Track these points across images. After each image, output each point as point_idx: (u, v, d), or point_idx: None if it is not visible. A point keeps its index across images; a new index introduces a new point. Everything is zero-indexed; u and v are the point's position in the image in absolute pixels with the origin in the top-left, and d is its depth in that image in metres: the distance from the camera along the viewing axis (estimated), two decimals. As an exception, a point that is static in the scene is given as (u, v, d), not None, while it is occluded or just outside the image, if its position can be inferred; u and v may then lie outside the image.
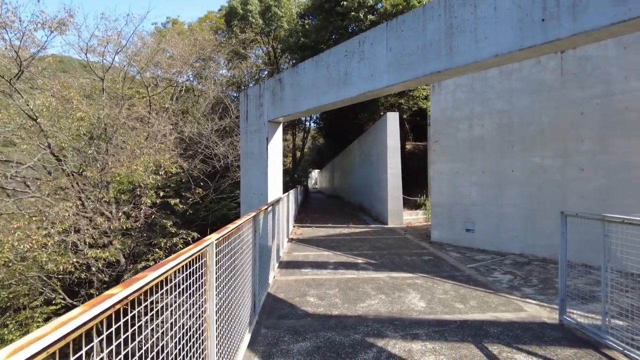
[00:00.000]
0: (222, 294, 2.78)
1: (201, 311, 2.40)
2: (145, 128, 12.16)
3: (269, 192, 8.99)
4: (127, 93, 15.43)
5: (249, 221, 4.06)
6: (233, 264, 3.22)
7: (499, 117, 8.18)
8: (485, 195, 8.42)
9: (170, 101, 16.70)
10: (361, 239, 10.06)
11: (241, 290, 3.55)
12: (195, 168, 13.08)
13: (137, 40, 18.02)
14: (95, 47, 15.00)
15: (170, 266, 1.79)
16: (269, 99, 9.07)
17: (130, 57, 15.92)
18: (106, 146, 10.55)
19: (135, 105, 15.05)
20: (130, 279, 1.46)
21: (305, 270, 6.73)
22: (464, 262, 7.31)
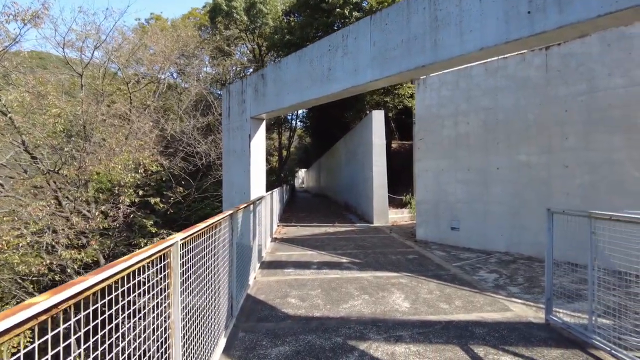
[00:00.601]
0: (190, 297, 2.57)
1: (164, 316, 2.20)
2: (125, 125, 11.77)
3: (252, 191, 8.76)
4: (108, 90, 14.97)
5: (225, 219, 3.85)
6: (205, 264, 3.02)
7: (484, 114, 8.12)
8: (470, 193, 8.36)
9: (152, 98, 16.29)
10: (346, 238, 9.92)
11: (215, 293, 3.34)
12: (177, 166, 12.73)
13: (118, 36, 17.54)
14: (73, 41, 14.52)
15: (119, 269, 1.58)
16: (251, 95, 8.84)
17: (111, 53, 15.47)
18: (83, 144, 10.16)
19: (116, 102, 14.61)
20: (61, 286, 1.25)
21: (287, 271, 6.54)
22: (449, 260, 7.22)
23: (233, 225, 4.07)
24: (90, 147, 10.14)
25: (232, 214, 4.04)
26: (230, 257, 4.05)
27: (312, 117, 28.48)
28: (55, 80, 14.61)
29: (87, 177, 10.42)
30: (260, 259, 7.21)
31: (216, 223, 3.31)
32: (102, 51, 15.48)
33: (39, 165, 10.95)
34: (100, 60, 15.87)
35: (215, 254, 3.39)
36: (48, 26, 25.48)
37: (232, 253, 4.06)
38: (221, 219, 3.55)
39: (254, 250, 6.04)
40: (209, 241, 3.15)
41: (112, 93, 14.29)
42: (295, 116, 36.17)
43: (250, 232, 6.02)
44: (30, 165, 11.85)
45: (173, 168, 12.78)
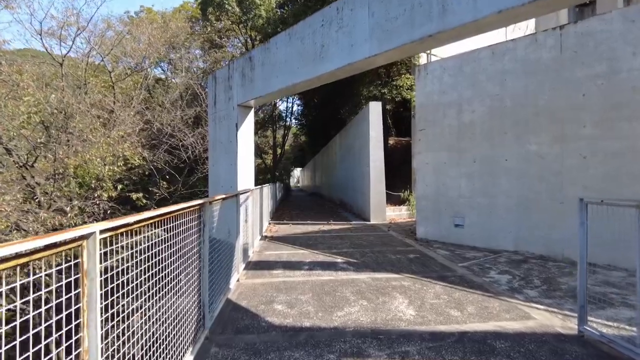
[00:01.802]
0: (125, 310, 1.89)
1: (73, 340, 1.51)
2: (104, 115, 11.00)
3: (239, 185, 8.06)
4: (91, 81, 14.18)
5: (194, 211, 3.17)
6: (157, 266, 2.34)
7: (490, 102, 7.49)
8: (475, 187, 7.72)
9: (138, 90, 15.51)
10: (341, 236, 9.24)
11: (175, 302, 2.66)
12: (161, 160, 11.98)
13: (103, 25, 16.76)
14: (54, 30, 13.74)
15: None
16: (238, 81, 8.14)
17: (96, 42, 14.67)
18: (57, 134, 9.40)
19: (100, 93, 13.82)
20: None
21: (276, 272, 5.86)
22: (455, 260, 6.57)
23: (205, 219, 3.38)
24: (66, 138, 9.38)
25: (203, 205, 3.35)
26: (201, 257, 3.36)
27: (307, 115, 27.81)
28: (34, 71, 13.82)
29: (62, 170, 9.65)
30: (246, 259, 6.51)
31: (175, 213, 2.63)
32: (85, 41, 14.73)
33: (12, 158, 10.18)
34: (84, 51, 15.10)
35: (176, 252, 2.70)
36: (24, 11, 24.35)
37: (203, 252, 3.37)
38: (184, 209, 2.86)
39: (237, 249, 5.35)
40: (165, 235, 2.47)
41: (96, 84, 13.47)
42: (289, 113, 35.57)
43: (233, 228, 5.34)
44: (5, 159, 11.07)
45: (157, 161, 12.03)
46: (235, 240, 5.33)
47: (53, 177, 9.94)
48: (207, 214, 3.41)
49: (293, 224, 11.77)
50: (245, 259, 6.43)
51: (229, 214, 5.27)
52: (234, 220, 5.38)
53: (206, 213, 3.39)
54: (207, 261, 3.45)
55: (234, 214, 5.38)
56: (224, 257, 4.60)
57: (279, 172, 42.00)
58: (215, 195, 4.00)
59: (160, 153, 12.14)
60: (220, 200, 4.12)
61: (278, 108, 33.92)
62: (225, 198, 4.39)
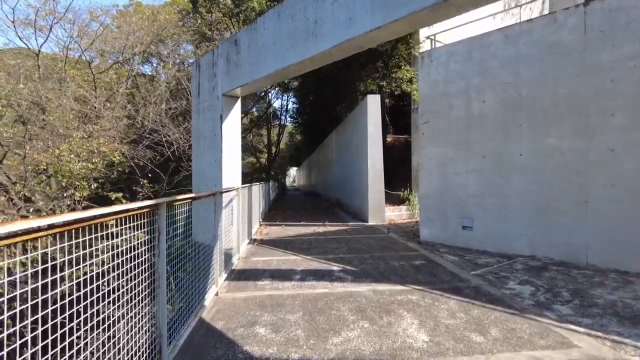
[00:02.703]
0: None
1: None
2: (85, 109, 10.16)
3: (224, 183, 7.29)
4: (71, 73, 13.31)
5: (144, 214, 2.39)
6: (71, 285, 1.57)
7: (503, 90, 6.75)
8: (486, 185, 6.98)
9: (123, 83, 14.66)
10: (337, 239, 8.48)
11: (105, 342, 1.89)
12: (143, 156, 11.14)
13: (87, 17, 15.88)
14: (31, 18, 12.87)
15: None
16: (223, 68, 7.35)
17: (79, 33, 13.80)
18: (26, 129, 8.56)
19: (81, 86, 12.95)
20: None
21: (262, 283, 5.08)
22: (465, 267, 5.83)
23: (161, 224, 2.60)
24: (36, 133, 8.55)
25: (158, 207, 2.57)
26: (157, 269, 2.59)
27: (303, 113, 27.01)
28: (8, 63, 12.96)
29: (34, 167, 8.81)
30: (230, 267, 5.73)
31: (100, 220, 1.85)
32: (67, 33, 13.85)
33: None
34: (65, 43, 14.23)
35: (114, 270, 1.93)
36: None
37: (158, 269, 2.60)
38: (124, 211, 2.09)
39: (216, 258, 4.57)
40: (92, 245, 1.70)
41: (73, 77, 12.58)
42: (284, 111, 34.76)
43: (211, 233, 4.56)
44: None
45: (139, 158, 11.20)
46: (214, 247, 4.55)
47: (24, 175, 9.10)
48: (163, 218, 2.63)
49: (286, 225, 10.99)
50: (228, 267, 5.65)
51: (203, 216, 4.51)
52: (211, 223, 4.60)
53: (162, 217, 2.61)
54: (165, 280, 2.67)
55: (212, 216, 4.60)
56: (199, 266, 3.83)
57: (274, 171, 41.22)
58: (178, 196, 3.22)
59: (141, 149, 11.29)
60: (189, 200, 3.34)
61: (272, 106, 33.20)
62: (196, 198, 3.61)
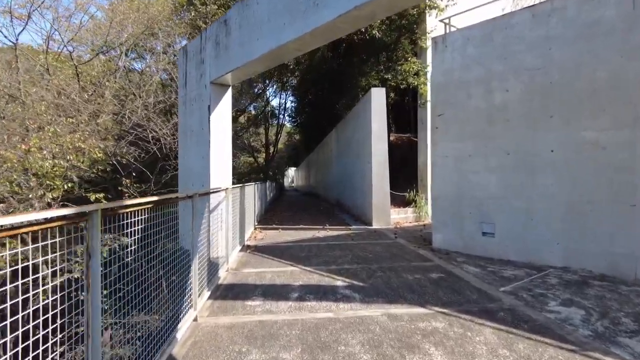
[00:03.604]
0: None
1: None
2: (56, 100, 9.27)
3: (212, 182, 6.43)
4: (53, 65, 12.41)
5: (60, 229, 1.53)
6: None
7: (529, 77, 5.91)
8: (509, 185, 6.14)
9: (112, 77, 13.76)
10: (340, 245, 7.62)
11: None
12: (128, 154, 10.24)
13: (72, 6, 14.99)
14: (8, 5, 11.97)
15: None
16: (211, 52, 6.49)
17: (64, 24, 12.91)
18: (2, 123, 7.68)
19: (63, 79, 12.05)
20: None
21: (253, 303, 4.22)
22: (491, 281, 4.99)
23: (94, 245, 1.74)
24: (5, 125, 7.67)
25: (85, 218, 1.71)
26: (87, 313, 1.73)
27: (301, 112, 26.18)
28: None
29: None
30: (215, 282, 4.87)
31: None
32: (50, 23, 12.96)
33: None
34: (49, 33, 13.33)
35: None
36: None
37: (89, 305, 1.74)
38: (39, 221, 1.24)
39: (193, 274, 3.71)
40: None
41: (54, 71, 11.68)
42: (283, 110, 33.93)
43: (188, 244, 3.71)
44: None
45: (123, 156, 10.33)
46: (191, 262, 3.69)
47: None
48: (96, 235, 1.77)
49: (283, 229, 10.13)
50: (214, 282, 4.79)
51: (181, 222, 3.66)
52: (193, 230, 3.75)
53: (94, 234, 1.75)
54: (99, 318, 1.81)
55: (190, 222, 3.74)
56: (177, 283, 2.99)
57: (273, 171, 40.35)
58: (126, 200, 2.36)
59: (124, 145, 10.39)
60: (146, 206, 2.47)
61: (270, 104, 32.38)
62: (160, 202, 2.74)
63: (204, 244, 4.28)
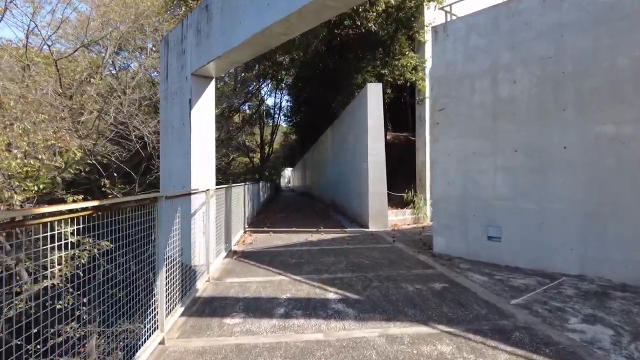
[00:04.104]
0: None
1: None
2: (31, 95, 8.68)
3: (193, 183, 5.89)
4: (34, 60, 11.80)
5: None
6: None
7: (540, 67, 5.41)
8: (518, 185, 5.63)
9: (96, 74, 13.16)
10: (334, 250, 7.09)
11: None
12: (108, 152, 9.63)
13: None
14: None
15: None
16: (192, 41, 5.96)
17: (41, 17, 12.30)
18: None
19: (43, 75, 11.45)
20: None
21: (231, 322, 3.68)
22: (501, 292, 4.47)
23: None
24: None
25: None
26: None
27: (297, 111, 25.65)
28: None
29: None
30: (192, 294, 4.33)
31: None
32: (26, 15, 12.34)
33: None
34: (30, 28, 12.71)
35: None
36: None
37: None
38: None
39: (159, 289, 3.17)
40: None
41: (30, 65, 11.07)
42: (278, 109, 33.44)
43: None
44: None
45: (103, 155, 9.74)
46: (156, 276, 3.15)
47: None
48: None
49: (275, 231, 9.58)
50: (190, 295, 4.25)
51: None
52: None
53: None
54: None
55: (158, 230, 3.20)
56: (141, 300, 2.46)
57: (269, 171, 39.78)
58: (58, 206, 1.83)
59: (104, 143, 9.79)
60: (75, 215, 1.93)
61: (265, 103, 31.89)
62: (105, 207, 2.19)
63: (179, 252, 3.74)
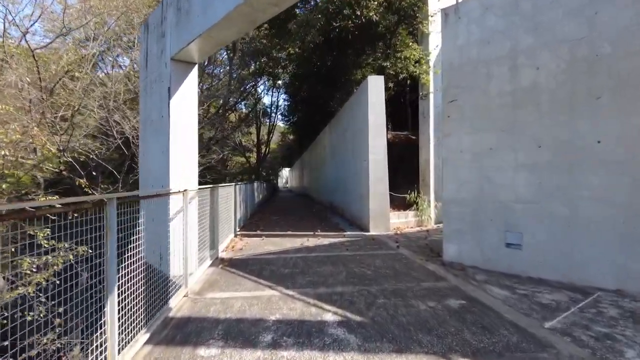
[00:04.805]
0: None
1: None
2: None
3: (172, 182, 5.17)
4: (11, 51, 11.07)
5: None
6: None
7: (569, 50, 4.72)
8: (542, 186, 4.94)
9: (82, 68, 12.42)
10: (332, 258, 6.38)
11: None
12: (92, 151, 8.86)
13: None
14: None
15: None
16: (172, 21, 5.25)
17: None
18: None
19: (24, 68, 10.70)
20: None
21: (206, 353, 2.96)
22: (529, 312, 3.77)
23: None
24: None
25: None
26: None
27: (295, 111, 24.97)
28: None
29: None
30: (163, 314, 3.61)
31: None
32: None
33: None
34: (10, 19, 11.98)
35: None
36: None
37: None
38: None
39: (111, 312, 2.46)
40: None
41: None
42: (275, 108, 32.78)
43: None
44: None
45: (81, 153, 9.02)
46: (105, 303, 2.44)
47: None
48: None
49: (268, 235, 8.86)
50: (159, 317, 3.53)
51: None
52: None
53: None
54: None
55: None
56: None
57: (266, 171, 39.04)
58: None
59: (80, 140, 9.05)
60: None
61: (262, 101, 31.24)
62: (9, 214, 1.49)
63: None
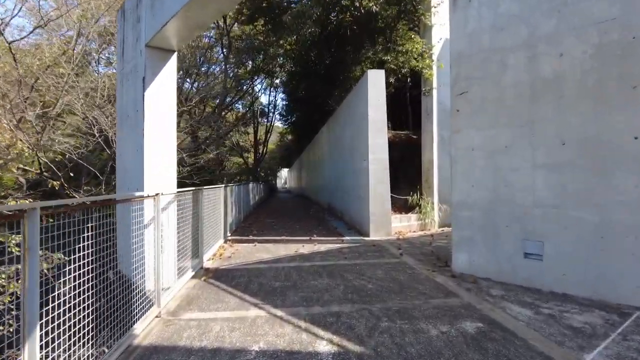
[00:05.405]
0: None
1: None
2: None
3: (147, 182, 4.58)
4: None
5: None
6: None
7: (597, 34, 4.14)
8: (567, 189, 4.36)
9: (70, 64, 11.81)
10: (329, 267, 5.78)
11: None
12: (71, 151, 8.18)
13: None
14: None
15: None
16: (147, 2, 4.65)
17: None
18: None
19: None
20: None
21: (166, 400, 2.38)
22: (560, 338, 3.17)
23: None
24: None
25: None
26: None
27: (293, 110, 24.43)
28: None
29: None
30: (126, 341, 3.00)
31: None
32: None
33: None
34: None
35: None
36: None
37: None
38: None
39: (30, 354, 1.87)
40: None
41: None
42: (272, 107, 32.28)
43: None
44: None
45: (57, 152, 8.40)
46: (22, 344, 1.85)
47: None
48: None
49: (261, 241, 8.26)
50: (119, 346, 2.93)
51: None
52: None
53: None
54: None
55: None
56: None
57: (264, 172, 38.45)
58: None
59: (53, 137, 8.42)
60: None
61: (259, 100, 30.74)
62: None
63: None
